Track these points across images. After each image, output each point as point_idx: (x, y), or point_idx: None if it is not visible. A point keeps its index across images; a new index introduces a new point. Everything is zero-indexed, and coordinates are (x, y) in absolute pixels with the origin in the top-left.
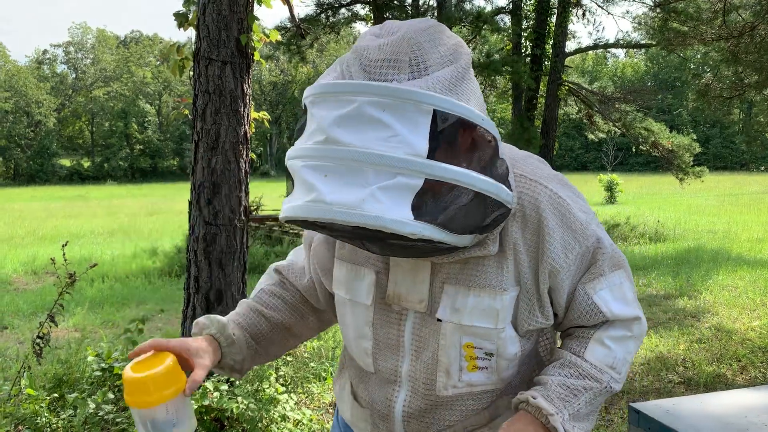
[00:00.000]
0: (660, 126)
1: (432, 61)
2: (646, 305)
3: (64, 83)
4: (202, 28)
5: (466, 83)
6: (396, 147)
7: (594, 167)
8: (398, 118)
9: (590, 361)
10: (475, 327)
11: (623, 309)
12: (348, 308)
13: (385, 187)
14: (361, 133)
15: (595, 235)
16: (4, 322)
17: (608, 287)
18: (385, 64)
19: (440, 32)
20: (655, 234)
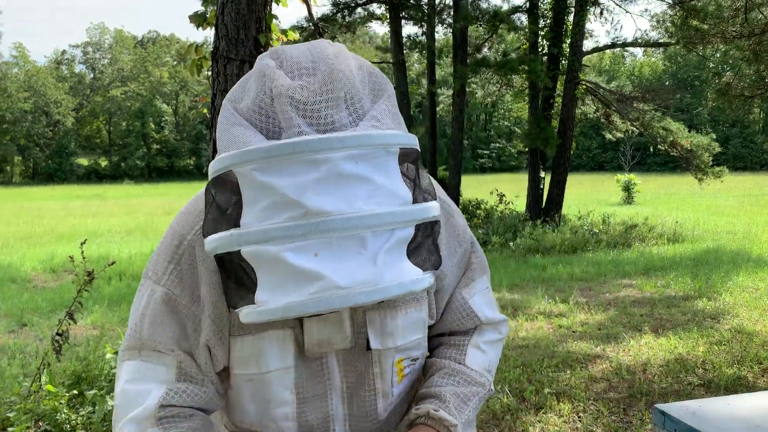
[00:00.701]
0: (679, 125)
1: (362, 94)
2: (664, 306)
3: (82, 83)
4: (220, 27)
5: (396, 109)
6: (384, 201)
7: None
8: (372, 168)
9: (472, 367)
10: (408, 342)
11: (493, 313)
12: (254, 384)
13: (388, 249)
14: (345, 195)
15: (470, 238)
16: (23, 320)
17: (479, 292)
18: (322, 105)
19: (347, 54)
20: (673, 235)
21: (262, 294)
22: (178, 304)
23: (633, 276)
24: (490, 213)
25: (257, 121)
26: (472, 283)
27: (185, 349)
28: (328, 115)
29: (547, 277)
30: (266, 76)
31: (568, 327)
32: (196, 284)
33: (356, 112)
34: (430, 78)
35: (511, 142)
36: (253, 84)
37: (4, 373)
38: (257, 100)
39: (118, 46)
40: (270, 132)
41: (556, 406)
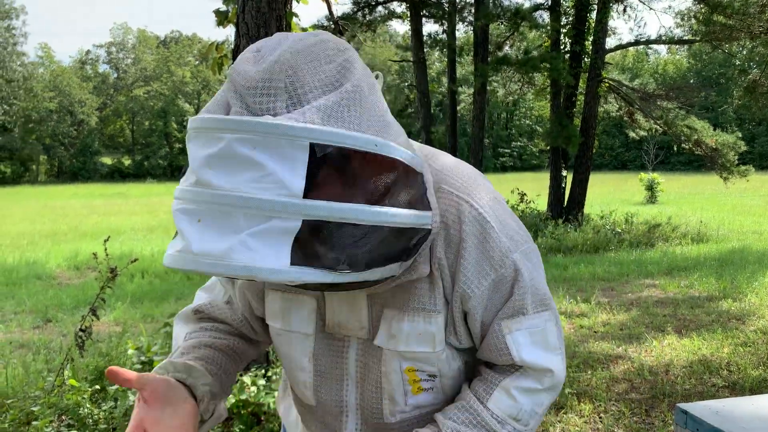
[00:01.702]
0: (703, 124)
1: (311, 86)
2: (688, 307)
3: (106, 83)
4: (241, 25)
5: (356, 107)
6: (267, 188)
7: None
8: (271, 156)
9: (492, 409)
10: (413, 352)
11: (536, 358)
12: (284, 339)
13: (257, 233)
14: (232, 175)
15: (514, 265)
16: (48, 316)
17: (527, 329)
18: (261, 92)
19: (324, 50)
20: (697, 234)
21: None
22: None
23: (656, 276)
24: None
25: (221, 95)
26: (519, 317)
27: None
28: (263, 102)
29: (569, 277)
30: (239, 59)
31: (589, 327)
32: None
33: (297, 103)
34: (451, 76)
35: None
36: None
37: (28, 367)
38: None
39: (141, 46)
40: (225, 105)
41: (577, 406)
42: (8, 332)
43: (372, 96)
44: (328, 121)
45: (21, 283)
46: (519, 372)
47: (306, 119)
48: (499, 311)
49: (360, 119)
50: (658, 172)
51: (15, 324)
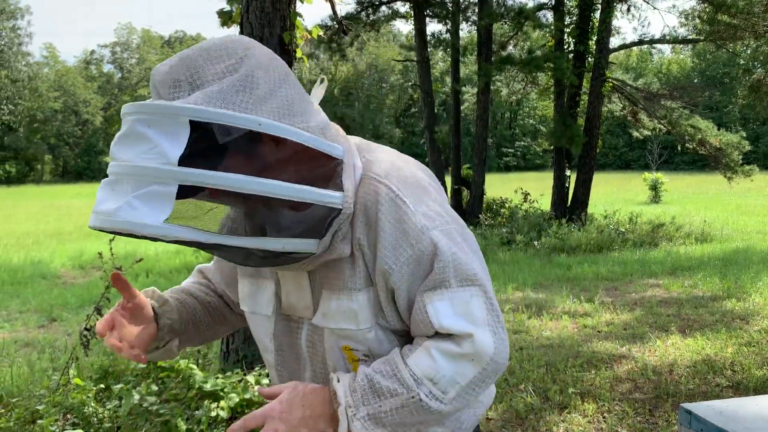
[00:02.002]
0: (707, 123)
1: (206, 78)
2: (692, 307)
3: (111, 83)
4: (245, 25)
5: (246, 92)
6: (151, 158)
7: (638, 166)
8: (160, 132)
9: (411, 366)
10: (341, 330)
11: (456, 324)
12: (252, 322)
13: (140, 195)
14: (129, 148)
15: (432, 241)
16: (53, 315)
17: (450, 300)
18: (168, 85)
19: (225, 48)
20: (701, 234)
21: None
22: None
23: (660, 276)
24: (514, 212)
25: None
26: (441, 290)
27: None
28: (172, 93)
29: (572, 277)
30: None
31: (593, 327)
32: None
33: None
34: (455, 76)
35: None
36: None
37: (34, 366)
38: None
39: (146, 46)
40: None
41: (580, 406)
42: (13, 331)
43: (278, 86)
44: (212, 103)
45: (26, 282)
46: (440, 336)
47: (189, 101)
48: (420, 284)
49: (249, 102)
50: (662, 172)
51: (20, 323)
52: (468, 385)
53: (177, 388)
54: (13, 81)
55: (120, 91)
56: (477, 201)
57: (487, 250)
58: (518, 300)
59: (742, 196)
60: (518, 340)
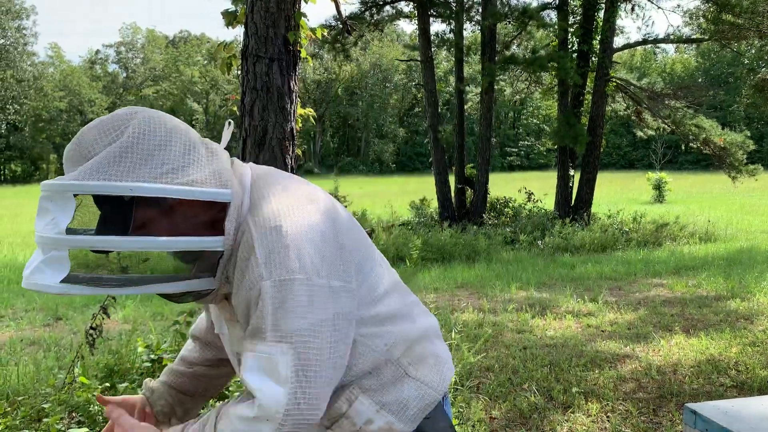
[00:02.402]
0: (712, 123)
1: (94, 151)
2: (696, 306)
3: (116, 82)
4: (250, 25)
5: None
6: (50, 228)
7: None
8: (56, 205)
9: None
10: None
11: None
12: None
13: (45, 260)
14: (40, 221)
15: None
16: (58, 314)
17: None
18: (68, 163)
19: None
20: (705, 234)
21: None
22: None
23: (664, 275)
24: (518, 211)
25: None
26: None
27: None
28: (69, 168)
29: (576, 276)
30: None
31: (596, 326)
32: None
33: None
34: (458, 75)
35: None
36: None
37: (39, 365)
38: None
39: (150, 46)
40: None
41: (584, 405)
42: (19, 330)
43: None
44: (89, 177)
45: None
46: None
47: (77, 177)
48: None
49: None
50: (666, 172)
51: (26, 322)
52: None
53: None
54: (18, 81)
55: (125, 91)
56: (481, 200)
57: (490, 249)
58: (522, 299)
59: (747, 196)
60: (522, 339)
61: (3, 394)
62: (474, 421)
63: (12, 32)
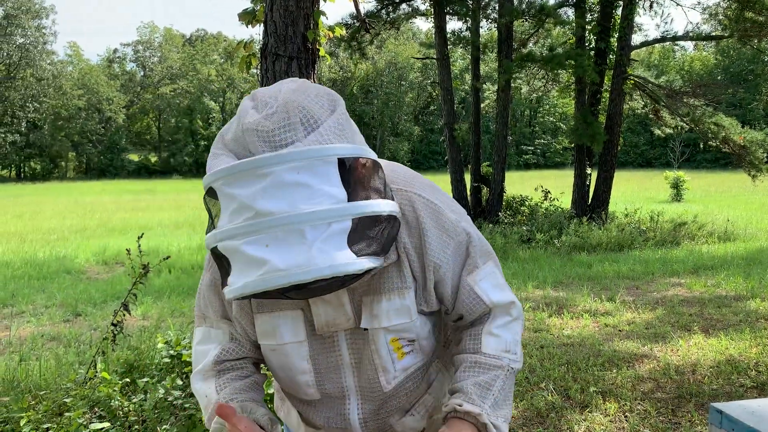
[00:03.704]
0: (731, 121)
1: (317, 113)
2: (715, 306)
3: (133, 81)
4: (269, 24)
5: (348, 123)
6: (321, 201)
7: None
8: (312, 175)
9: (487, 353)
10: (394, 325)
11: (500, 295)
12: (278, 354)
13: (325, 239)
14: (287, 199)
15: (464, 230)
16: (77, 310)
17: (485, 277)
18: (282, 130)
19: (312, 87)
20: (724, 233)
21: (231, 278)
22: (218, 286)
23: (682, 275)
24: (534, 210)
25: (236, 149)
26: (476, 270)
27: (229, 318)
28: (286, 138)
29: (593, 275)
30: (241, 115)
31: (614, 325)
32: None
33: (311, 129)
34: (475, 73)
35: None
36: (234, 121)
37: (60, 360)
38: (235, 133)
39: (167, 45)
40: (244, 157)
41: (601, 405)
42: (40, 325)
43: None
44: (339, 138)
45: (51, 277)
46: (491, 315)
47: (326, 140)
48: (461, 270)
49: (351, 133)
50: (684, 170)
51: (46, 317)
52: (520, 339)
53: None
54: (38, 79)
55: (142, 89)
56: (497, 199)
57: (506, 247)
58: (539, 298)
59: (767, 195)
60: (539, 338)
61: (26, 389)
62: None
63: (32, 31)
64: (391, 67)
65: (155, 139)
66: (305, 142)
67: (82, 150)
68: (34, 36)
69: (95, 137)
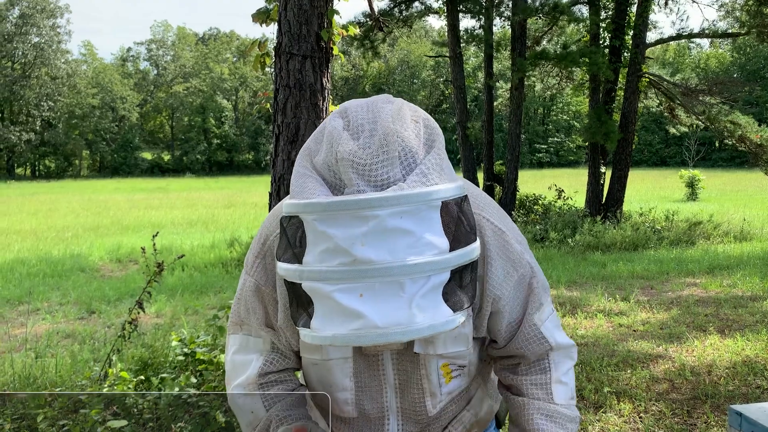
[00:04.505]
0: (748, 119)
1: (416, 148)
2: (731, 306)
3: (146, 79)
4: (283, 23)
5: (446, 159)
6: (423, 251)
7: (674, 162)
8: (415, 221)
9: (561, 404)
10: (450, 352)
11: (563, 338)
12: (319, 368)
13: (423, 294)
14: (390, 246)
15: (528, 264)
16: (91, 307)
17: (549, 317)
18: (380, 165)
19: (410, 111)
20: (740, 233)
21: (315, 322)
22: (263, 292)
23: (697, 275)
24: (548, 208)
25: (327, 176)
26: (542, 308)
27: (272, 326)
28: (383, 173)
29: (607, 275)
30: (334, 139)
31: (628, 325)
32: (276, 276)
33: (409, 166)
34: (488, 71)
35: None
36: (324, 143)
37: (76, 357)
38: (327, 159)
39: (181, 43)
40: (335, 186)
41: (616, 405)
42: (55, 323)
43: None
44: (441, 177)
45: (66, 275)
46: (553, 359)
47: (429, 181)
48: (526, 306)
49: (449, 169)
50: (699, 169)
51: (61, 315)
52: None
53: (215, 381)
54: (53, 78)
55: (155, 88)
56: (510, 197)
57: None
58: (552, 298)
59: None
60: None
61: (42, 386)
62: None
63: (47, 30)
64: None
65: (168, 138)
66: (408, 182)
67: (96, 148)
68: (49, 35)
69: (109, 135)
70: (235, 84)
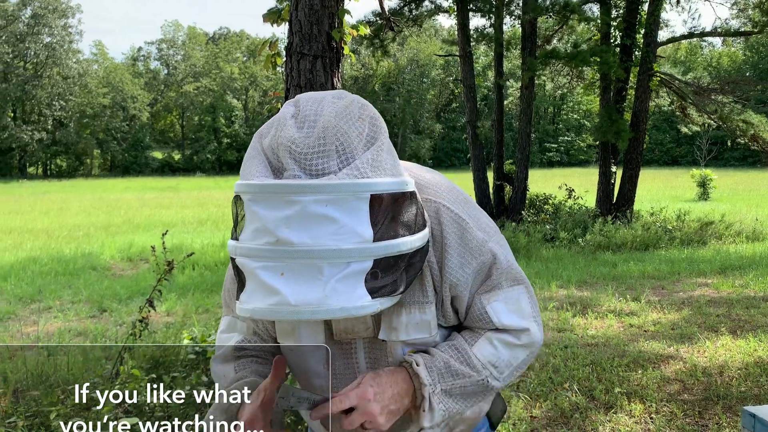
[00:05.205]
0: (761, 118)
1: (355, 144)
2: (743, 307)
3: (157, 79)
4: (294, 23)
5: (387, 155)
6: (345, 238)
7: (685, 162)
8: (341, 210)
9: (476, 354)
10: (413, 338)
11: (514, 321)
12: (297, 354)
13: (341, 278)
14: (311, 231)
15: (491, 251)
16: (103, 306)
17: (504, 300)
18: (315, 155)
19: (356, 109)
20: (753, 233)
21: (244, 295)
22: None
23: (709, 275)
24: (558, 208)
25: (271, 158)
26: (495, 291)
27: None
28: (319, 164)
29: (618, 275)
30: (280, 125)
31: (639, 326)
32: None
33: (347, 160)
34: (498, 70)
35: (580, 135)
36: (273, 128)
37: (87, 355)
38: (271, 143)
39: (191, 43)
40: (277, 170)
41: (626, 406)
42: (66, 321)
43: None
44: (376, 172)
45: (77, 273)
46: (499, 330)
47: (361, 174)
48: (478, 289)
49: (392, 164)
50: (711, 168)
51: (72, 313)
52: (517, 366)
53: None
54: (64, 78)
55: (166, 87)
56: (520, 197)
57: (530, 246)
58: (562, 298)
59: None
60: (563, 338)
61: (55, 383)
62: (515, 419)
63: (58, 30)
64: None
65: (178, 137)
66: (339, 174)
67: (107, 147)
68: (61, 35)
69: (120, 135)
70: (245, 83)
